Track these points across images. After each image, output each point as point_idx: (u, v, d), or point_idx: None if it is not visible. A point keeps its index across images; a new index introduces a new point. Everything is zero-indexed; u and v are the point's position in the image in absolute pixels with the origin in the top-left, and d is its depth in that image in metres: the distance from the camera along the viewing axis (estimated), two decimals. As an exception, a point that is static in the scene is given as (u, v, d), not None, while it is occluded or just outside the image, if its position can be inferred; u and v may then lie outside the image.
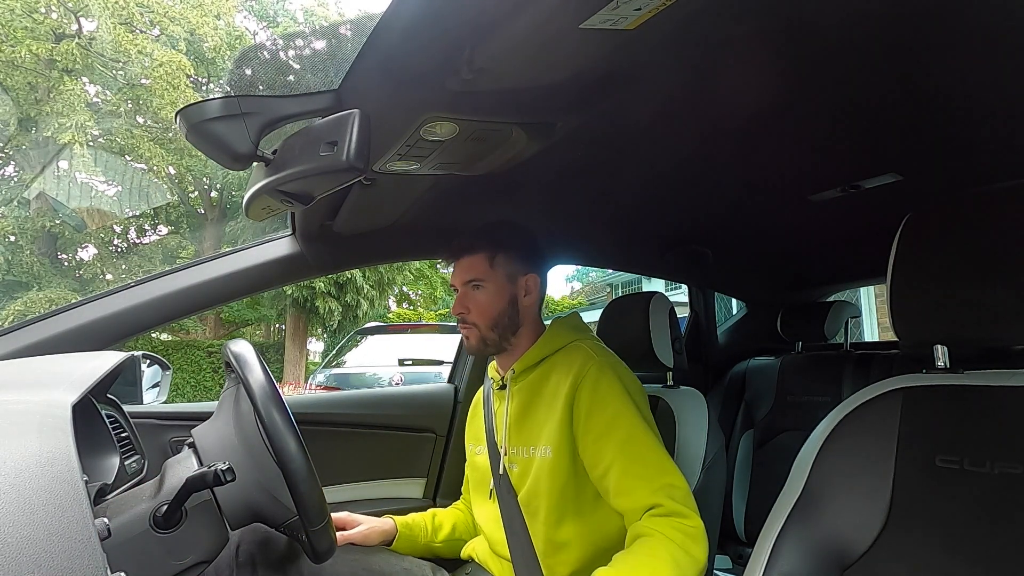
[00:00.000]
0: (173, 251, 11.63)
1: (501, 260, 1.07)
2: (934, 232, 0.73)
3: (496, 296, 1.06)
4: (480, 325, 1.06)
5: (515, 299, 1.08)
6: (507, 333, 1.07)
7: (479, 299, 1.06)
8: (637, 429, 0.94)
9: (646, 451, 0.92)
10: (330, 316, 10.41)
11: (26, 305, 8.99)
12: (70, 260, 10.99)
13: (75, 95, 9.34)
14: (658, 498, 0.88)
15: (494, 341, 1.07)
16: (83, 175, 9.58)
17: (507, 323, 1.07)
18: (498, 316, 1.06)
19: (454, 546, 1.19)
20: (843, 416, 0.77)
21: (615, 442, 0.93)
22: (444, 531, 1.19)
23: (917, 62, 0.74)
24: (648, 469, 0.91)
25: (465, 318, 1.07)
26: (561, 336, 1.08)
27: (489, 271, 1.06)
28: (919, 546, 0.66)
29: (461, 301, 1.07)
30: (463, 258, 1.08)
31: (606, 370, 0.98)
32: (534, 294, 1.10)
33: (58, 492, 0.42)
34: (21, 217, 9.71)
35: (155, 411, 1.28)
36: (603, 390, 0.96)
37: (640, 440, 0.93)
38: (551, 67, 0.67)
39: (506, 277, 1.07)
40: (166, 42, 10.30)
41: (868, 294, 5.35)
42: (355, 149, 0.67)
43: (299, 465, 0.72)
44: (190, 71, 10.18)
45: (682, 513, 0.87)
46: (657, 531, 0.85)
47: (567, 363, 1.01)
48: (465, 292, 1.07)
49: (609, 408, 0.95)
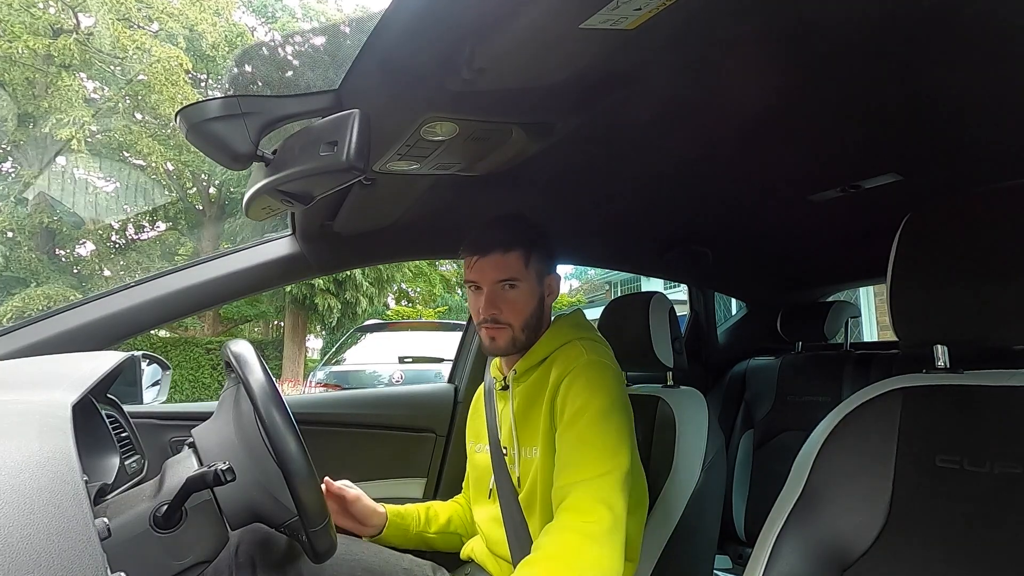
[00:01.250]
0: (171, 247, 11.62)
1: (534, 259, 1.04)
2: (934, 232, 0.73)
3: (530, 296, 1.03)
4: (514, 326, 1.02)
5: (543, 299, 1.07)
6: (534, 334, 1.05)
7: (514, 299, 1.02)
8: (596, 417, 0.92)
9: (594, 436, 0.91)
10: (329, 313, 10.42)
11: (24, 301, 8.99)
12: (68, 256, 10.98)
13: (73, 91, 9.34)
14: (569, 487, 0.87)
15: (522, 343, 1.04)
16: (81, 171, 9.57)
17: (535, 324, 1.05)
18: (530, 317, 1.03)
19: (450, 539, 1.18)
20: (843, 416, 0.77)
21: (573, 431, 0.92)
22: (439, 522, 1.18)
23: (917, 62, 0.74)
24: (585, 455, 0.89)
25: (498, 318, 1.02)
26: (561, 335, 1.07)
27: (524, 271, 1.02)
28: (919, 546, 0.66)
29: (492, 301, 1.01)
30: (493, 254, 1.02)
31: (588, 369, 0.97)
32: (556, 294, 1.09)
33: (58, 492, 0.42)
34: (19, 214, 9.70)
35: (155, 411, 1.28)
36: (577, 387, 0.95)
37: (594, 427, 0.91)
38: (551, 67, 0.67)
39: (536, 277, 1.05)
40: (165, 38, 10.28)
41: (867, 294, 5.36)
42: (355, 149, 0.67)
43: (299, 466, 0.72)
44: (189, 67, 10.17)
45: (583, 510, 0.85)
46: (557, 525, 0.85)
47: (562, 362, 1.01)
48: (495, 291, 1.02)
49: (578, 401, 0.94)
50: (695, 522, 1.04)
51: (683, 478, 1.05)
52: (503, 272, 1.02)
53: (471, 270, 1.04)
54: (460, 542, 1.18)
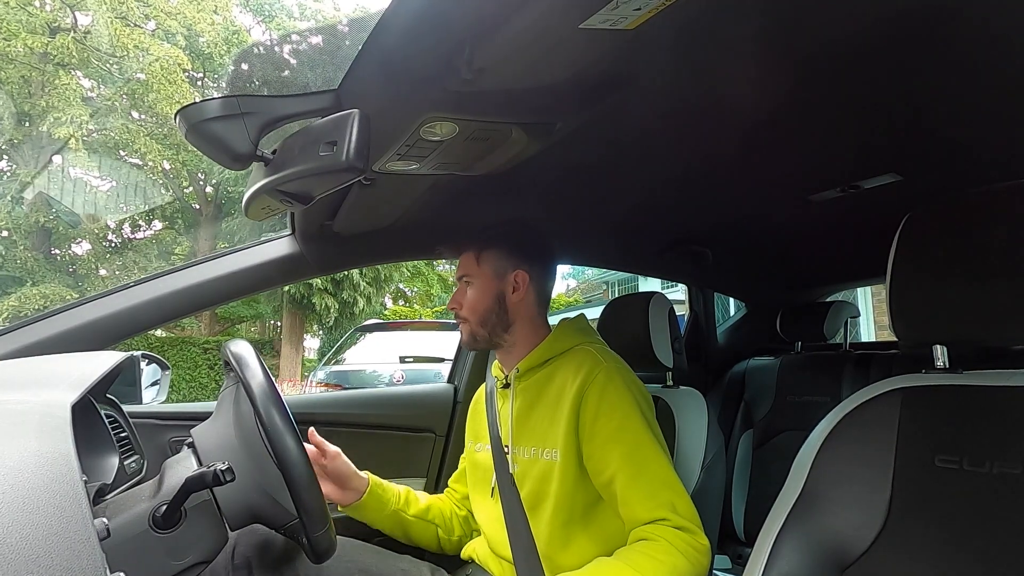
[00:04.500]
0: (168, 247, 11.60)
1: (487, 257, 1.09)
2: (934, 232, 0.73)
3: (483, 293, 1.08)
4: (471, 320, 1.09)
5: (502, 296, 1.08)
6: (497, 330, 1.08)
7: (468, 295, 1.09)
8: (644, 439, 0.94)
9: (651, 463, 0.93)
10: (327, 313, 10.43)
11: (20, 300, 8.99)
12: (63, 255, 10.96)
13: (71, 90, 9.32)
14: (663, 512, 0.88)
15: (484, 337, 1.09)
16: (77, 170, 9.55)
17: (495, 320, 1.08)
18: (485, 312, 1.08)
19: (425, 528, 1.16)
20: (842, 416, 0.77)
21: (621, 450, 0.93)
22: (418, 506, 1.17)
23: (917, 62, 0.74)
24: (653, 483, 0.91)
25: (458, 313, 1.10)
26: (568, 338, 1.08)
27: (476, 268, 1.09)
28: (919, 546, 0.66)
29: (455, 297, 1.11)
30: (461, 255, 1.13)
31: (614, 376, 0.98)
32: (523, 290, 1.09)
33: (57, 492, 0.42)
34: (16, 213, 9.69)
35: (154, 411, 1.28)
36: (611, 396, 0.96)
37: (646, 451, 0.93)
38: (551, 67, 0.67)
39: (492, 274, 1.09)
40: (162, 37, 10.27)
41: (865, 294, 5.36)
42: (355, 149, 0.67)
43: (300, 470, 0.72)
44: (187, 66, 10.15)
45: (690, 529, 0.88)
46: (663, 538, 0.86)
47: (574, 366, 1.01)
48: (459, 288, 1.11)
49: (616, 415, 0.95)
50: (695, 522, 1.04)
51: (682, 478, 1.04)
52: (460, 270, 1.12)
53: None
54: (435, 534, 1.17)
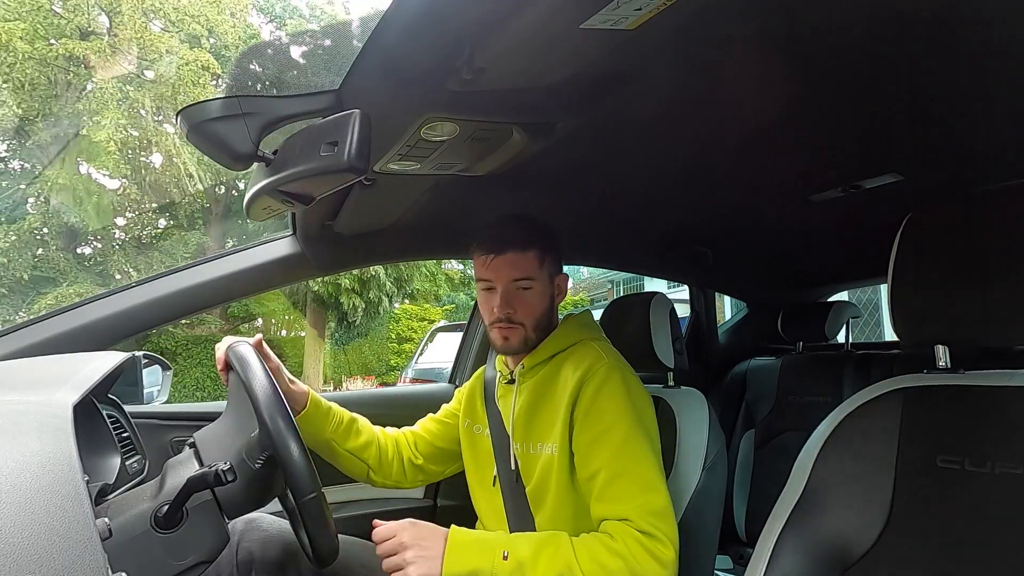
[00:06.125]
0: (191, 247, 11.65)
1: (549, 260, 1.04)
2: (934, 232, 0.73)
3: (542, 297, 1.04)
4: (527, 325, 1.02)
5: (553, 300, 1.07)
6: (544, 333, 1.05)
7: (527, 299, 1.02)
8: (632, 439, 0.92)
9: (637, 465, 0.91)
10: (354, 312, 10.57)
11: (57, 300, 8.98)
12: (95, 255, 11.00)
13: (108, 93, 9.41)
14: (633, 514, 0.87)
15: (533, 342, 1.04)
16: (105, 172, 9.65)
17: (546, 324, 1.05)
18: (541, 317, 1.03)
19: (355, 464, 1.10)
20: (844, 416, 0.77)
21: (607, 449, 0.92)
22: (355, 441, 1.09)
23: (917, 62, 0.74)
24: (632, 485, 0.89)
25: (512, 318, 1.01)
26: (573, 334, 1.07)
27: (539, 271, 1.02)
28: (920, 547, 0.66)
29: (507, 300, 1.01)
30: (509, 253, 1.00)
31: (613, 374, 0.97)
32: (564, 294, 1.09)
33: (59, 492, 0.42)
34: (46, 213, 9.76)
35: (156, 411, 1.28)
36: (605, 393, 0.95)
37: (633, 451, 0.91)
38: (551, 67, 0.67)
39: (549, 278, 1.05)
40: (185, 40, 10.36)
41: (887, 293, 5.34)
42: (355, 149, 0.67)
43: (302, 472, 0.72)
44: (217, 70, 10.20)
45: (654, 536, 0.86)
46: (621, 539, 0.85)
47: (576, 361, 1.00)
48: (510, 290, 1.01)
49: (608, 414, 0.94)
50: (696, 522, 1.03)
51: (684, 478, 1.05)
52: (518, 271, 1.01)
53: (485, 268, 1.02)
54: (365, 472, 1.12)
